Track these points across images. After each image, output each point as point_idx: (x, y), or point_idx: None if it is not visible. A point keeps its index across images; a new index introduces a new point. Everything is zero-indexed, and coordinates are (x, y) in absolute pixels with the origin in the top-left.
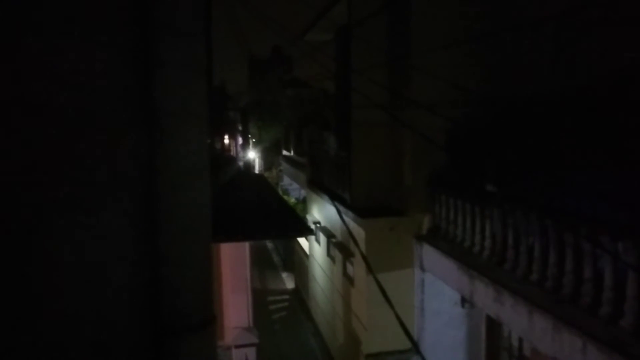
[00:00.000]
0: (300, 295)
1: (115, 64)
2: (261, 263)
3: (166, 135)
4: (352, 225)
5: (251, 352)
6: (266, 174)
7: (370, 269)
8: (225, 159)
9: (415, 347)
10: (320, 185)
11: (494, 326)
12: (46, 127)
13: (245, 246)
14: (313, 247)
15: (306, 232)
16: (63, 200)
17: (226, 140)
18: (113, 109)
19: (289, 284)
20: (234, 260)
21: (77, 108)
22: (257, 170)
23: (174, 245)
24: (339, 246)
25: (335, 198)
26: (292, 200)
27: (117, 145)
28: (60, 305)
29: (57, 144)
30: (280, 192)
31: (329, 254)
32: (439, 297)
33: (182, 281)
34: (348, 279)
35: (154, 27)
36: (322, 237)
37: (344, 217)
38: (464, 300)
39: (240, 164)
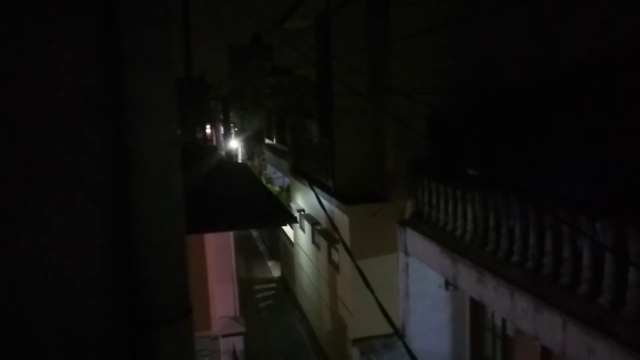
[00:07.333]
0: (287, 283)
1: (81, 57)
2: (247, 252)
3: (135, 128)
4: (336, 212)
5: (238, 341)
6: (249, 163)
7: (350, 255)
8: (207, 149)
9: (397, 333)
10: (303, 173)
11: (477, 308)
12: (13, 123)
13: (230, 236)
14: (298, 235)
15: (290, 220)
16: (33, 196)
17: (208, 130)
18: (80, 102)
19: (275, 272)
20: (218, 250)
21: (43, 103)
22: (239, 160)
23: (148, 238)
24: (323, 233)
25: (318, 185)
26: (276, 188)
27: (86, 140)
28: (34, 300)
29: (25, 140)
30: (264, 181)
31: (314, 241)
32: (424, 281)
33: (157, 274)
34: (333, 266)
35: (119, 16)
36: (307, 225)
37: (328, 203)
38: (447, 283)
39: (223, 153)
